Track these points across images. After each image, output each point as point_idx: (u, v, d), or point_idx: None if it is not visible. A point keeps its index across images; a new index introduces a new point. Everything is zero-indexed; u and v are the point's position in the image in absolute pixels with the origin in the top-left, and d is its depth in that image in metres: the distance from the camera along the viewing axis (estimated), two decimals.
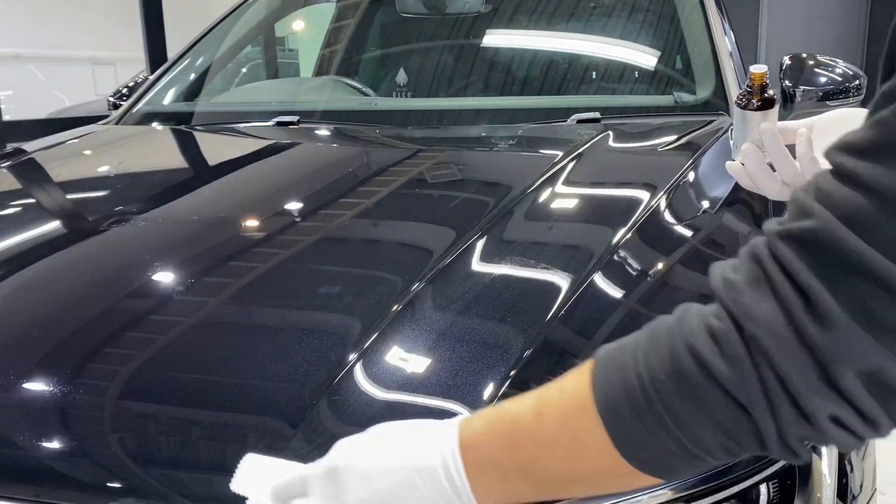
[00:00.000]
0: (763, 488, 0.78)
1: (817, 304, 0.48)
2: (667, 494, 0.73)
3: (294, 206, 1.35)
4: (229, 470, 0.75)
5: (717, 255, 1.16)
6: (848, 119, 0.93)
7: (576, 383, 0.57)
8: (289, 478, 0.67)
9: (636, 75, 2.09)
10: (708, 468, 0.61)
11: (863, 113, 0.53)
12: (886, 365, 0.47)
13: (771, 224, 0.52)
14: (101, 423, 0.82)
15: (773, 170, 0.94)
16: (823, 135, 0.91)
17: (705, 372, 0.51)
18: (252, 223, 1.27)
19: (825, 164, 0.52)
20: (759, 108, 1.20)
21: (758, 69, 1.19)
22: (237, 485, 0.72)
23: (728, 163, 1.01)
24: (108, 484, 0.76)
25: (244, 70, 3.01)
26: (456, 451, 0.59)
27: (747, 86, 1.20)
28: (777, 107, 1.22)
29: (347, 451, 0.64)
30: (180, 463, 0.78)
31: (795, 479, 0.79)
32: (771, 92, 1.21)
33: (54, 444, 0.80)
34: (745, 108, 1.21)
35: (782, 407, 0.50)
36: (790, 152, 0.92)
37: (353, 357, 0.86)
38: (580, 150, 1.46)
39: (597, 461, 0.56)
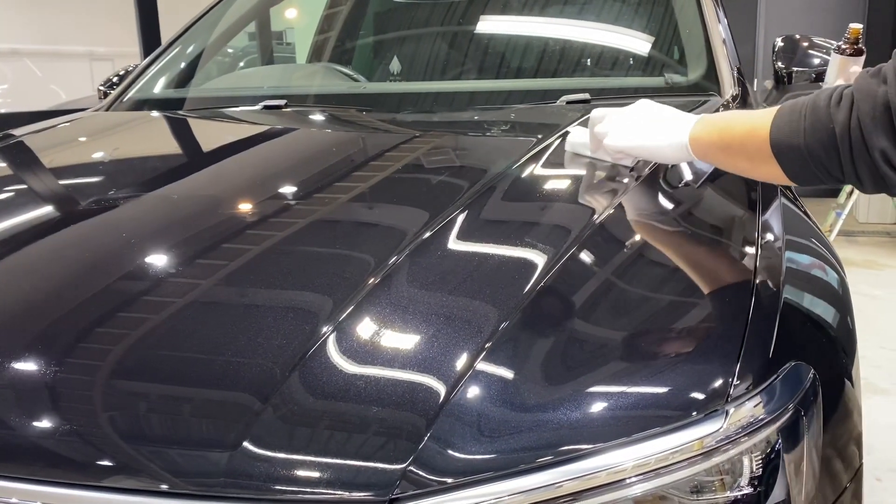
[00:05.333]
0: (746, 460, 0.76)
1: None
2: (654, 461, 0.72)
3: (274, 187, 1.33)
4: (197, 444, 0.74)
5: (699, 230, 1.14)
6: None
7: (764, 115, 1.00)
8: (596, 113, 1.23)
9: (630, 60, 2.07)
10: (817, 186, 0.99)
11: None
12: None
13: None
14: (77, 400, 0.81)
15: None
16: None
17: (828, 109, 0.93)
18: (231, 205, 1.26)
19: None
20: (851, 55, 1.68)
21: (855, 26, 1.66)
22: (569, 139, 1.33)
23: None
24: (78, 459, 0.75)
25: (241, 64, 2.98)
26: (691, 125, 1.09)
27: (845, 37, 1.66)
28: (864, 57, 1.71)
29: (639, 105, 1.18)
30: (147, 439, 0.76)
31: (780, 454, 0.78)
32: (861, 45, 1.68)
33: (32, 423, 0.79)
34: (841, 53, 1.69)
35: (854, 136, 0.90)
36: None
37: (326, 330, 0.84)
38: (564, 131, 1.44)
39: (761, 151, 0.99)
